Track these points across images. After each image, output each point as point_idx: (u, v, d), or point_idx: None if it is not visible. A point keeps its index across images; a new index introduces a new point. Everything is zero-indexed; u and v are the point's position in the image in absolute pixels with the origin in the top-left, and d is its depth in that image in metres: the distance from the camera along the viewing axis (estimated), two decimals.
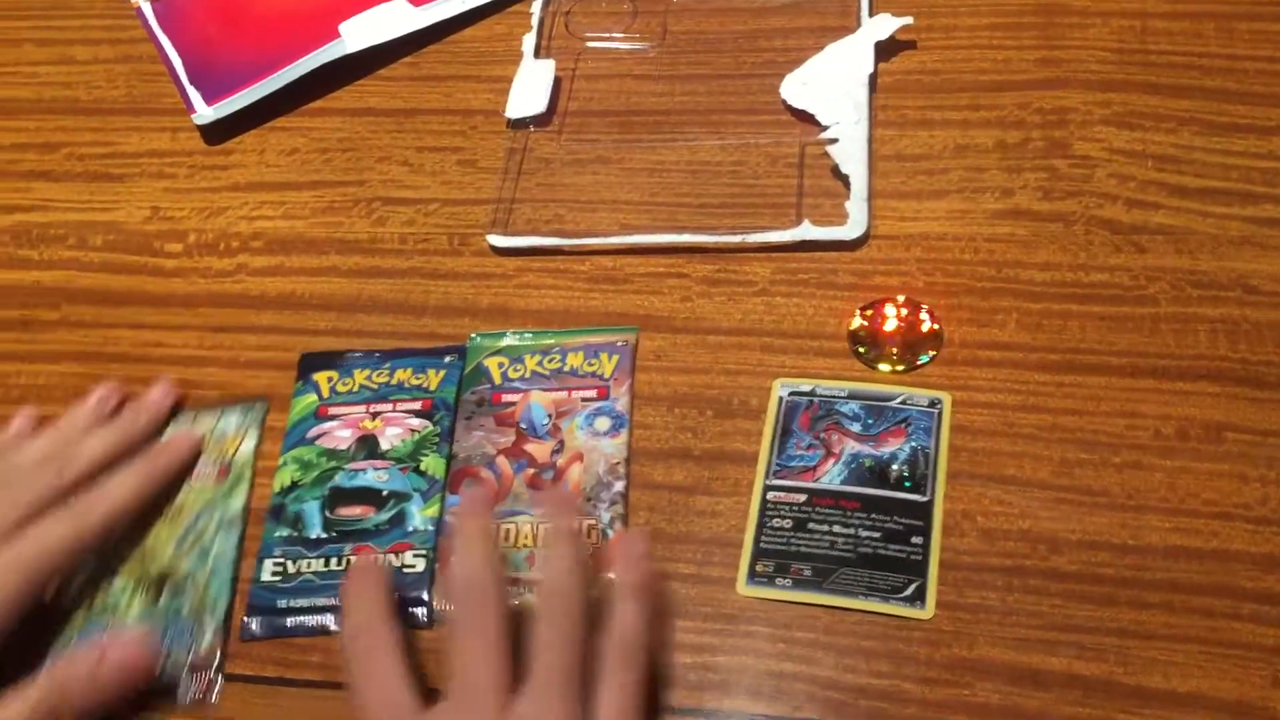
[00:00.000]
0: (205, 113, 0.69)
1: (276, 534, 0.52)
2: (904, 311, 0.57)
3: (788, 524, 0.51)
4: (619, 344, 0.57)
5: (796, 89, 0.65)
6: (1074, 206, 0.59)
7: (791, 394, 0.55)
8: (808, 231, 0.60)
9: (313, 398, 0.57)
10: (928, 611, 0.48)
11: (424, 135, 0.68)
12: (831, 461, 0.52)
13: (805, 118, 0.65)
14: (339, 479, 0.53)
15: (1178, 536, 0.49)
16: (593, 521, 0.51)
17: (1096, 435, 0.52)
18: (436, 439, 0.54)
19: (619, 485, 0.52)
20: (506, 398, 0.55)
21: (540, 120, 0.68)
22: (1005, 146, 0.62)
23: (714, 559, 0.51)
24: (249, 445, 0.56)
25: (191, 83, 0.70)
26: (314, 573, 0.50)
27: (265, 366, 0.59)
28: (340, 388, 0.56)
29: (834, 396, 0.54)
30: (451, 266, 0.62)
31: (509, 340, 0.58)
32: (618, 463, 0.52)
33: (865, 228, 0.60)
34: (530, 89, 0.68)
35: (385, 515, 0.51)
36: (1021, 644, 0.47)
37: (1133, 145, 0.61)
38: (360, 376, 0.57)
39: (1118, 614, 0.47)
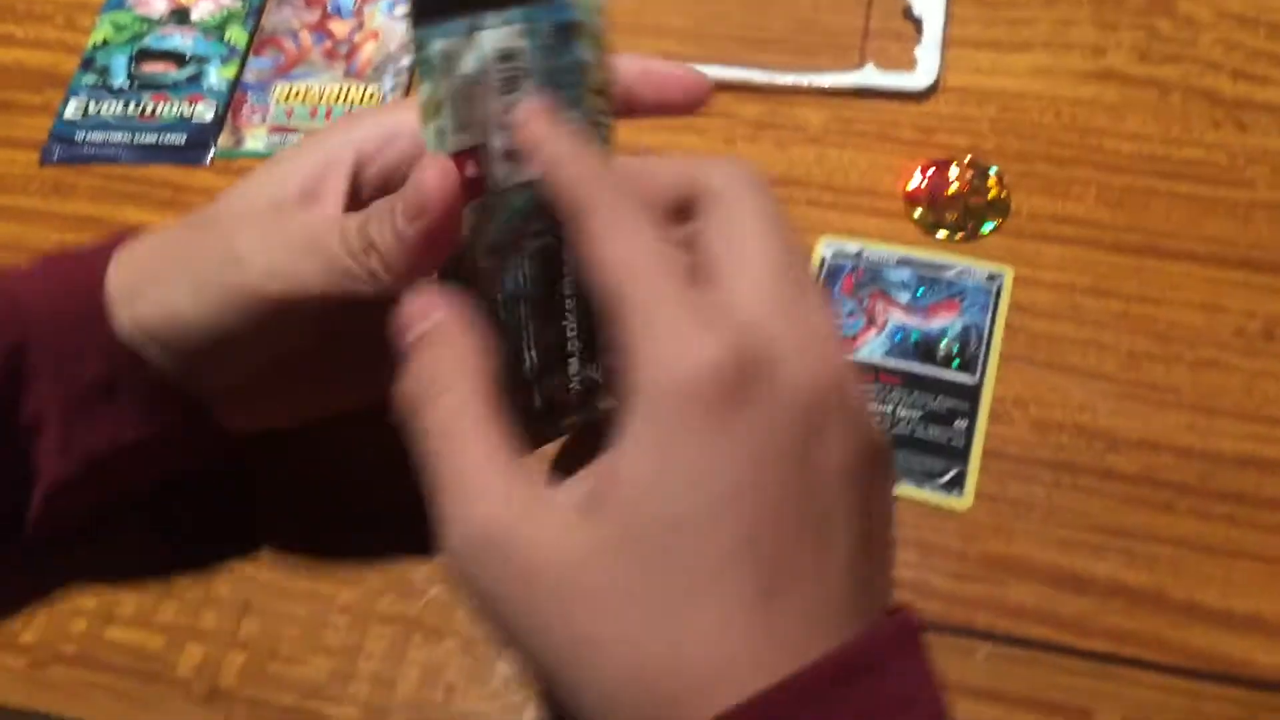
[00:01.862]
0: None
1: (84, 81, 0.57)
2: (969, 174, 0.51)
3: None
4: None
5: None
6: (1172, 73, 0.53)
7: (836, 254, 0.49)
8: (871, 77, 0.54)
9: None
10: (965, 501, 0.44)
11: None
12: (873, 332, 0.47)
13: None
14: (149, 40, 0.59)
15: (1251, 444, 0.44)
16: (376, 88, 0.56)
17: (1172, 328, 0.47)
18: (244, 15, 0.59)
19: (405, 60, 0.57)
20: None
21: None
22: None
23: None
24: None
25: None
26: (112, 114, 0.56)
27: None
28: None
29: (883, 261, 0.49)
30: None
31: None
32: (409, 41, 0.56)
33: (935, 77, 0.53)
34: None
35: (186, 73, 0.57)
36: (1065, 545, 0.42)
37: (1245, 9, 0.54)
38: None
39: (1175, 522, 0.43)
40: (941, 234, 0.49)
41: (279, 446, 0.44)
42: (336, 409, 0.42)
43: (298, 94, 0.56)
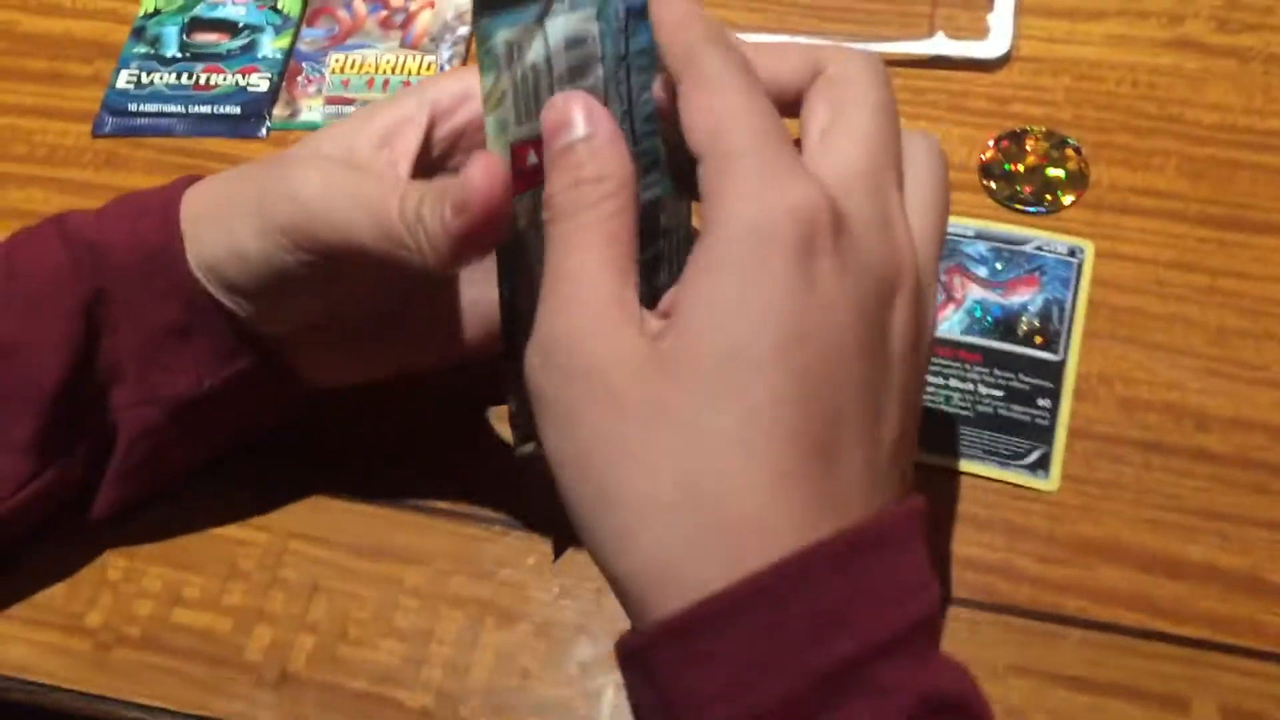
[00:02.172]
0: None
1: (135, 50, 0.56)
2: (1046, 145, 0.49)
3: None
4: None
5: None
6: (1253, 41, 0.51)
7: None
8: (941, 45, 0.52)
9: None
10: (1052, 482, 0.42)
11: None
12: (952, 307, 0.46)
13: None
14: (200, 9, 0.57)
15: None
16: (433, 59, 0.54)
17: (1260, 303, 0.45)
18: None
19: (463, 29, 0.55)
20: None
21: None
22: None
23: None
24: None
25: None
26: (165, 84, 0.55)
27: None
28: None
29: (959, 235, 0.48)
30: None
31: None
32: (465, 10, 0.55)
33: (1009, 46, 0.52)
34: None
35: (238, 43, 0.55)
36: (1156, 527, 0.41)
37: None
38: None
39: (1271, 505, 0.41)
40: (1020, 207, 0.48)
41: (341, 418, 0.43)
42: (407, 368, 0.42)
43: (353, 64, 0.55)
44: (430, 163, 0.37)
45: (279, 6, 0.57)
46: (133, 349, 0.38)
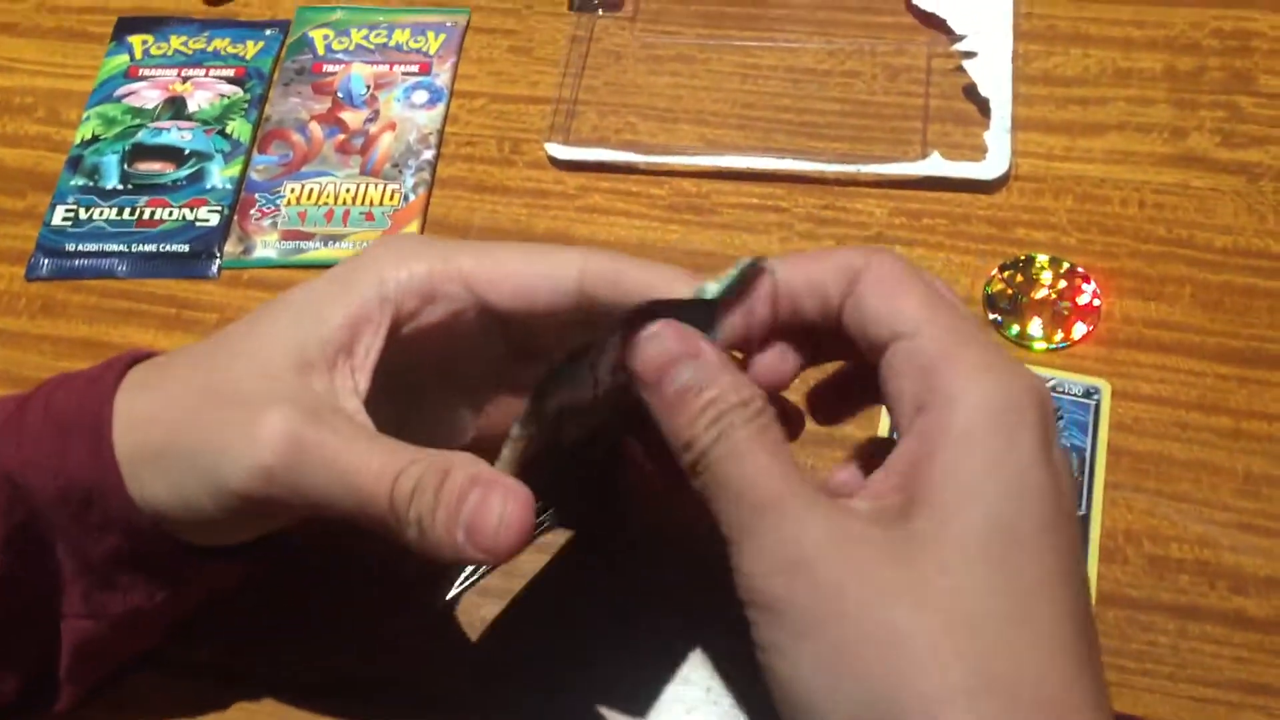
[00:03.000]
0: None
1: (72, 183, 0.52)
2: (1054, 274, 0.47)
3: None
4: (448, 24, 0.56)
5: None
6: (1260, 156, 0.49)
7: None
8: (937, 166, 0.49)
9: (124, 58, 0.56)
10: None
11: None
12: None
13: (934, 23, 0.54)
14: (142, 136, 0.53)
15: None
16: (396, 186, 0.51)
17: None
18: (245, 105, 0.54)
19: (427, 154, 0.52)
20: (328, 68, 0.55)
21: (610, 3, 0.56)
22: (1176, 75, 0.52)
23: None
24: None
25: None
26: (106, 220, 0.50)
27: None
28: (154, 51, 0.56)
29: None
30: (501, 179, 0.52)
31: (338, 15, 0.57)
32: (429, 134, 0.53)
33: (1007, 166, 0.49)
34: None
35: (184, 172, 0.52)
36: (1199, 705, 0.38)
37: None
38: (176, 42, 0.57)
39: None
40: (1039, 346, 0.45)
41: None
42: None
43: (310, 194, 0.51)
44: (390, 360, 0.34)
45: (228, 131, 0.53)
46: (72, 573, 0.34)
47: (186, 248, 0.50)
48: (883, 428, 0.44)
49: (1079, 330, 0.45)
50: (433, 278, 0.33)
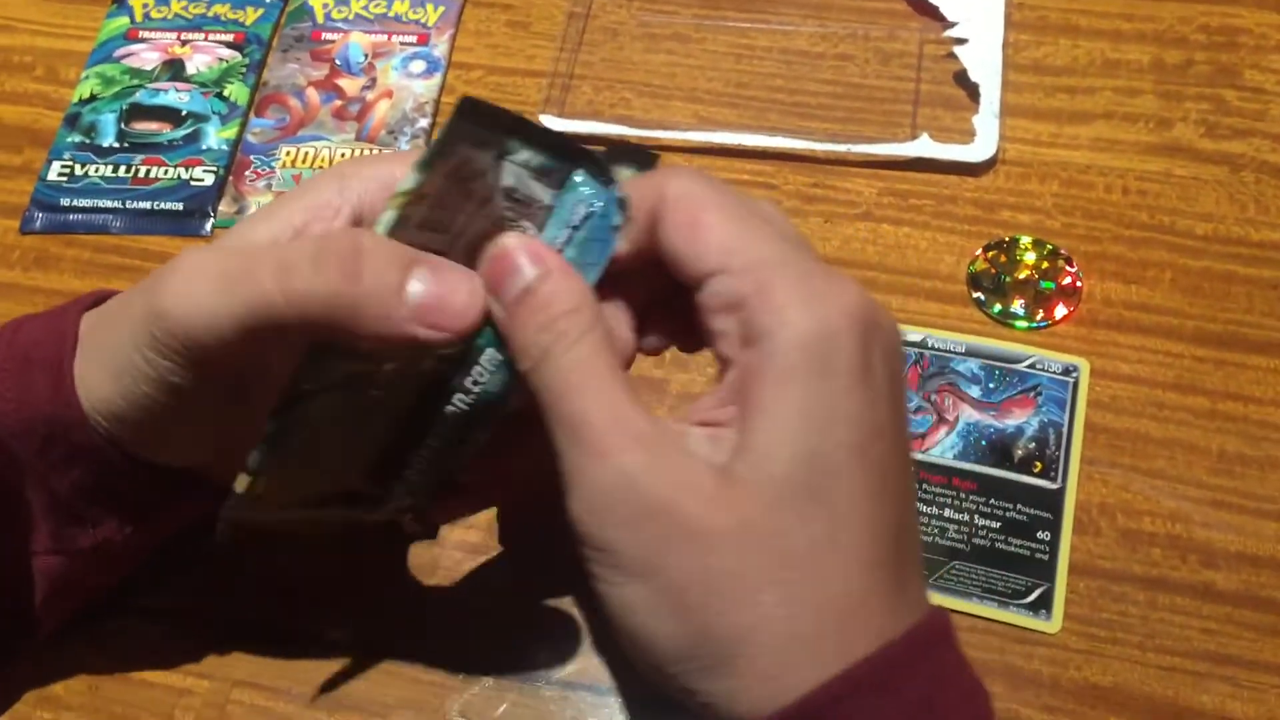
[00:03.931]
0: None
1: (68, 139, 0.52)
2: (1037, 256, 0.48)
3: None
4: None
5: None
6: (1242, 148, 0.50)
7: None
8: (926, 147, 0.50)
9: (124, 20, 0.56)
10: (1054, 624, 0.40)
11: None
12: (944, 430, 0.44)
13: (927, 9, 0.55)
14: (140, 96, 0.53)
15: None
16: (391, 153, 0.51)
17: (1264, 429, 0.43)
18: (244, 69, 0.54)
19: (423, 122, 0.53)
20: (326, 36, 0.56)
21: None
22: (1163, 67, 0.52)
23: None
24: None
25: None
26: (101, 177, 0.51)
27: None
28: (155, 14, 0.57)
29: (949, 351, 0.45)
30: None
31: None
32: (425, 102, 0.53)
33: (995, 149, 0.50)
34: None
35: (181, 132, 0.52)
36: (1166, 674, 0.39)
37: None
38: (176, 6, 0.57)
39: None
40: (1011, 322, 0.46)
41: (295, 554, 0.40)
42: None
43: (306, 158, 0.51)
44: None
45: (225, 94, 0.53)
46: (42, 509, 0.34)
47: (181, 206, 0.50)
48: None
49: (1060, 310, 0.46)
50: (390, 175, 0.32)
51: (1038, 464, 0.43)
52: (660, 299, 0.32)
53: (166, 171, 0.51)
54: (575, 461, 0.28)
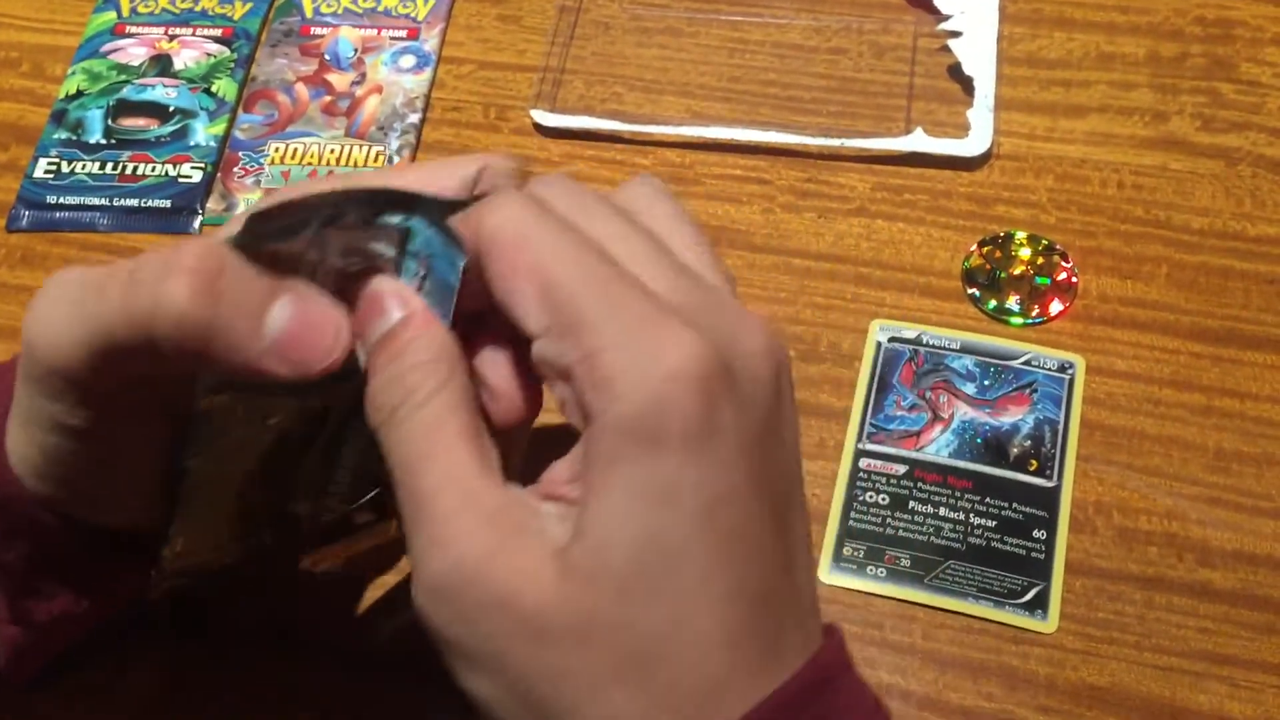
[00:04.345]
0: None
1: (55, 136, 0.52)
2: (1033, 252, 0.47)
3: (883, 500, 0.42)
4: None
5: None
6: (1238, 141, 0.50)
7: (892, 340, 0.45)
8: (920, 142, 0.50)
9: (111, 15, 0.56)
10: (1050, 624, 0.40)
11: None
12: (939, 428, 0.43)
13: (921, 3, 0.54)
14: (127, 92, 0.53)
15: None
16: (381, 149, 0.51)
17: (1260, 425, 0.43)
18: (232, 64, 0.54)
19: (413, 118, 0.52)
20: (315, 30, 0.55)
21: None
22: (1159, 60, 0.52)
23: None
24: None
25: None
26: (88, 174, 0.50)
27: None
28: (141, 9, 0.56)
29: (944, 348, 0.45)
30: (487, 144, 0.52)
31: None
32: (416, 98, 0.53)
33: (989, 144, 0.50)
34: None
35: (169, 129, 0.52)
36: (1163, 674, 0.39)
37: None
38: (164, 0, 0.56)
39: (1279, 647, 0.39)
40: (1006, 318, 0.46)
41: None
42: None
43: (295, 154, 0.51)
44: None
45: (213, 90, 0.53)
46: None
47: (168, 203, 0.50)
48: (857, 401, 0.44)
49: (1055, 306, 0.46)
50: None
51: (1033, 462, 0.42)
52: None
53: (154, 168, 0.50)
54: (419, 546, 0.25)
